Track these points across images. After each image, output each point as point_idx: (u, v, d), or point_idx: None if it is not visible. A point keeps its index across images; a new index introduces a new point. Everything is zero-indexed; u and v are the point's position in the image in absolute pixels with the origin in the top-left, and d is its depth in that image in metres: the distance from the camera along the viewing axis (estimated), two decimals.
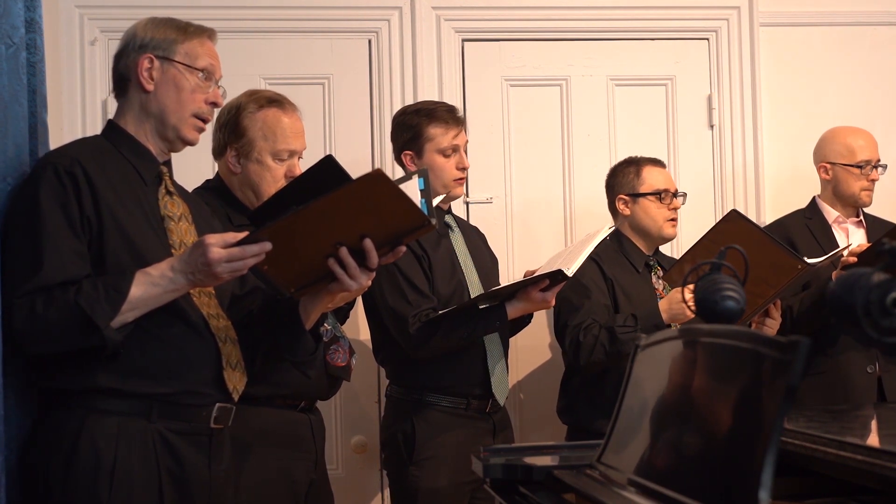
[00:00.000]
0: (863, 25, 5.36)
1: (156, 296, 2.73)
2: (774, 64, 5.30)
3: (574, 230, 5.12)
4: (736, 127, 5.23)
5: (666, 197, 4.41)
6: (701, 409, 2.20)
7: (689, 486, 2.05)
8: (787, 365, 1.87)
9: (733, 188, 5.21)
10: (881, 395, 4.47)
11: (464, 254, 4.14)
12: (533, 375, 5.05)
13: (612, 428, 2.60)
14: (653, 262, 4.46)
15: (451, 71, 5.09)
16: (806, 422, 2.76)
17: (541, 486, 2.66)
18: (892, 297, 1.77)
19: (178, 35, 2.97)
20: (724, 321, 2.23)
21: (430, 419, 4.00)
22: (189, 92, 2.95)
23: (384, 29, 5.06)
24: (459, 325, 3.89)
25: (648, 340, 2.60)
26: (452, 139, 4.08)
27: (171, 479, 2.79)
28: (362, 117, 5.06)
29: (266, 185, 3.56)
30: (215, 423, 2.89)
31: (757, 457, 1.84)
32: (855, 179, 4.65)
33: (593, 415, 4.16)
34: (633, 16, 5.21)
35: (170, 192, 2.98)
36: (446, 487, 3.95)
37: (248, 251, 2.69)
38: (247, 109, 3.58)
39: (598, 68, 5.21)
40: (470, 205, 5.06)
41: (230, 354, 2.92)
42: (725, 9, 5.26)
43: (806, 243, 4.52)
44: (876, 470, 2.19)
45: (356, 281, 2.85)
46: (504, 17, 5.14)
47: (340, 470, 4.85)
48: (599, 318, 4.20)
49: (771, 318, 4.25)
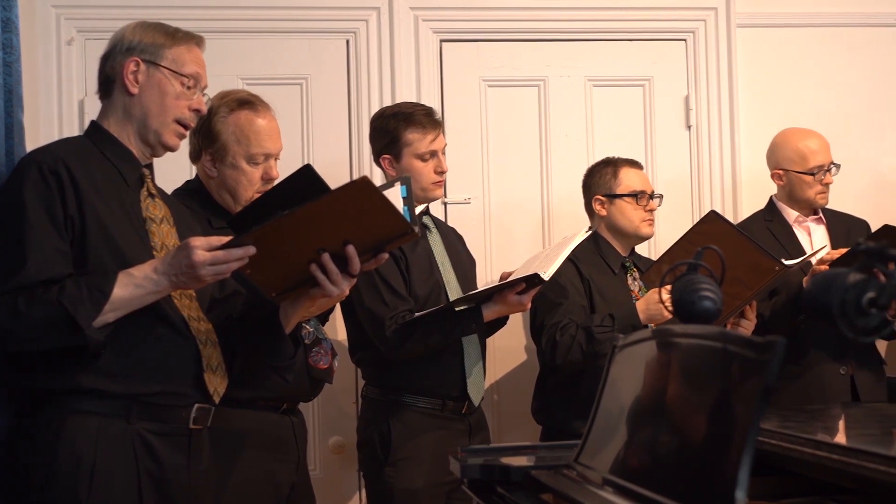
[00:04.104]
0: (839, 27, 5.38)
1: (138, 297, 2.73)
2: (751, 65, 5.31)
3: (551, 231, 5.13)
4: (713, 127, 5.25)
5: (642, 198, 4.41)
6: (678, 409, 2.21)
7: (667, 485, 2.06)
8: (763, 365, 1.88)
9: (710, 188, 5.23)
10: (854, 394, 4.49)
11: (441, 255, 4.14)
12: (509, 377, 5.06)
13: (589, 428, 2.61)
14: (629, 263, 4.46)
15: (429, 71, 5.09)
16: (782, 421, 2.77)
17: (518, 486, 2.67)
18: (868, 297, 1.78)
19: (166, 40, 2.97)
20: (701, 321, 2.24)
21: (406, 420, 4.00)
22: (173, 97, 2.95)
23: (362, 29, 5.06)
24: (436, 328, 3.89)
25: (626, 341, 2.61)
26: (430, 144, 4.07)
27: (150, 479, 2.79)
28: (340, 118, 5.05)
29: (243, 188, 3.55)
30: (194, 424, 2.89)
31: (733, 456, 1.85)
32: (809, 186, 4.63)
33: (568, 415, 4.16)
34: (611, 17, 5.22)
35: (152, 195, 2.98)
36: (422, 488, 3.95)
37: (232, 255, 2.69)
38: (218, 113, 3.55)
39: (575, 69, 5.22)
40: (448, 205, 5.06)
41: (210, 357, 2.92)
42: (703, 10, 5.28)
43: (768, 245, 4.50)
44: (851, 469, 2.20)
45: (338, 287, 2.86)
46: (482, 18, 5.14)
47: (318, 471, 4.84)
48: (576, 319, 4.21)
49: (746, 320, 4.26)
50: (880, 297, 1.78)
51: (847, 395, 4.47)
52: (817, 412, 3.46)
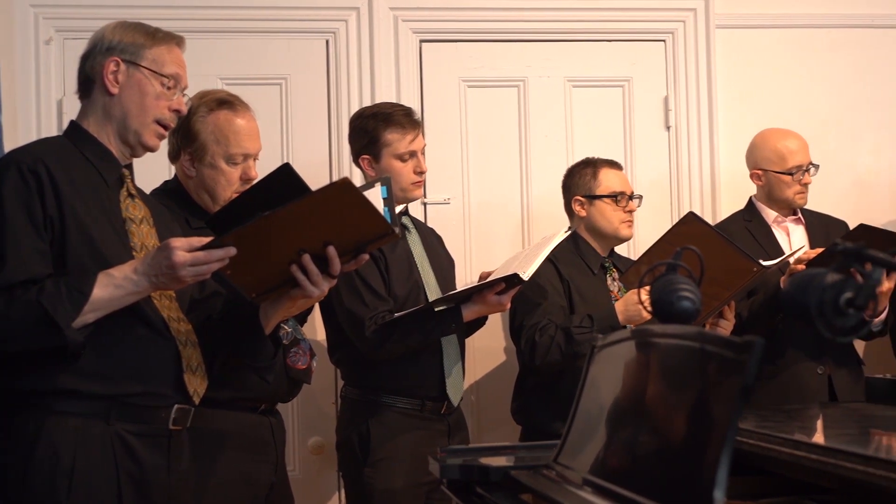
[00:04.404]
0: (817, 28, 5.40)
1: (118, 297, 2.72)
2: (730, 65, 5.33)
3: (531, 231, 5.13)
4: (692, 128, 5.26)
5: (622, 199, 4.42)
6: (657, 409, 2.21)
7: (645, 485, 2.06)
8: (741, 365, 1.89)
9: (689, 189, 5.24)
10: (832, 394, 4.50)
11: (420, 255, 4.14)
12: (488, 377, 5.06)
13: (568, 428, 2.61)
14: (608, 263, 4.47)
15: (408, 72, 5.09)
16: (760, 421, 2.78)
17: (497, 486, 2.67)
18: (846, 297, 1.79)
19: (146, 40, 2.96)
20: (680, 322, 2.24)
21: (385, 420, 3.99)
22: (153, 98, 2.94)
23: (342, 29, 5.06)
24: (415, 328, 3.89)
25: (605, 341, 2.61)
26: (409, 144, 4.07)
27: (129, 480, 2.78)
28: (320, 118, 5.05)
29: (221, 188, 3.54)
30: (174, 425, 2.88)
31: (712, 456, 1.85)
32: (787, 186, 4.63)
33: (547, 416, 4.16)
34: (591, 17, 5.22)
35: (131, 195, 2.97)
36: (402, 488, 3.95)
37: (212, 255, 2.69)
38: (197, 113, 3.54)
39: (555, 69, 5.22)
40: (427, 205, 5.06)
41: (190, 358, 2.91)
42: (682, 11, 5.29)
43: (747, 245, 4.52)
44: (829, 468, 2.21)
45: (318, 287, 2.86)
46: (462, 18, 5.14)
47: (297, 471, 4.83)
48: (555, 319, 4.21)
49: (725, 319, 4.27)
50: (857, 297, 1.79)
51: (825, 394, 4.48)
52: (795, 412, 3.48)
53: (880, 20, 5.42)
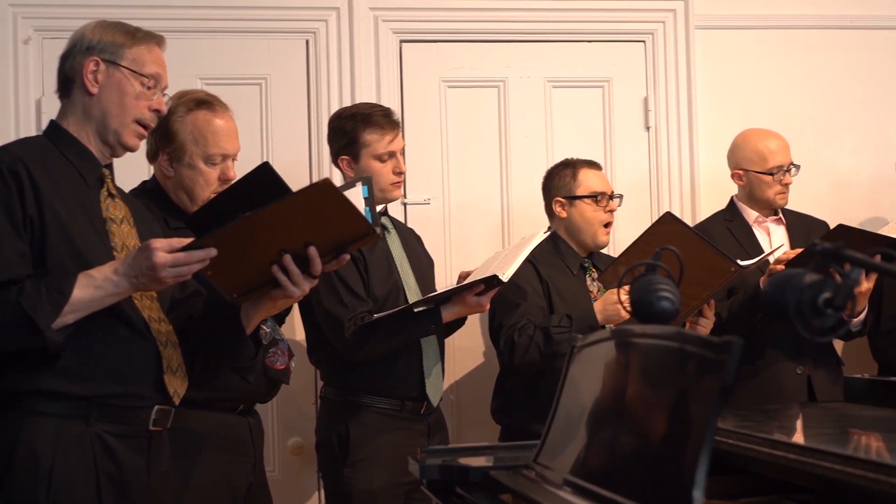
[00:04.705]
0: (797, 29, 5.42)
1: (98, 298, 2.71)
2: (710, 66, 5.34)
3: (511, 231, 5.13)
4: (672, 129, 5.27)
5: (602, 199, 4.42)
6: (636, 409, 2.21)
7: (625, 485, 2.07)
8: (720, 365, 1.89)
9: (669, 189, 5.25)
10: (811, 394, 4.51)
11: (400, 255, 4.14)
12: (467, 377, 5.06)
13: (548, 428, 2.61)
14: (587, 263, 4.47)
15: (388, 72, 5.08)
16: (739, 421, 2.79)
17: (477, 486, 2.67)
18: (824, 297, 1.79)
19: (126, 39, 2.95)
20: (660, 322, 2.24)
21: (364, 421, 3.99)
22: (132, 98, 2.93)
23: (322, 29, 5.05)
24: (395, 329, 3.89)
25: (584, 341, 2.61)
26: (388, 144, 4.07)
27: (109, 481, 2.78)
28: (300, 118, 5.04)
29: (200, 189, 3.54)
30: (154, 426, 2.88)
31: (691, 456, 1.86)
32: (768, 186, 4.65)
33: (527, 416, 4.16)
34: (570, 18, 5.23)
35: (112, 195, 2.96)
36: (381, 489, 3.95)
37: (193, 256, 2.68)
38: (176, 113, 3.53)
39: (535, 70, 5.23)
40: (407, 206, 5.06)
41: (171, 358, 2.91)
42: (661, 12, 5.30)
43: (728, 245, 4.53)
44: (807, 468, 2.22)
45: (299, 288, 2.86)
46: (442, 19, 5.14)
47: (277, 472, 4.83)
48: (534, 319, 4.22)
49: (705, 318, 4.27)
50: (836, 297, 1.79)
51: (804, 394, 4.49)
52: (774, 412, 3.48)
53: (858, 21, 5.44)
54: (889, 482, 1.96)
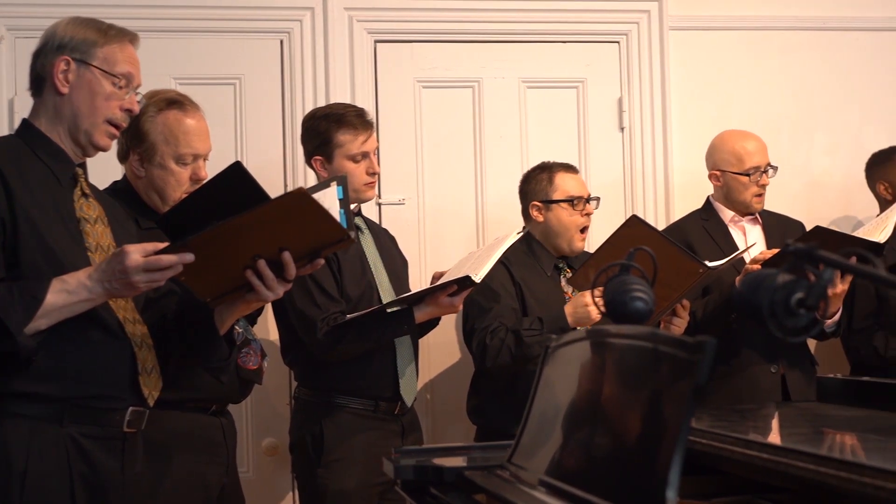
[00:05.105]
0: (770, 30, 5.44)
1: (71, 304, 2.69)
2: (684, 67, 5.35)
3: (486, 231, 5.13)
4: (646, 129, 5.28)
5: (578, 203, 4.42)
6: (610, 409, 2.22)
7: (599, 485, 2.07)
8: (694, 365, 1.89)
9: (643, 190, 5.26)
10: (785, 394, 4.53)
11: (374, 255, 4.14)
12: (442, 375, 5.06)
13: (522, 428, 2.61)
14: (562, 264, 4.47)
15: (363, 72, 5.08)
16: (713, 421, 2.79)
17: (452, 487, 2.66)
18: (797, 297, 1.80)
19: (98, 37, 2.92)
20: (633, 322, 2.25)
21: (338, 421, 3.99)
22: (103, 98, 2.90)
23: (296, 29, 5.04)
24: (368, 330, 3.89)
25: (559, 342, 2.61)
26: (362, 145, 4.06)
27: (83, 483, 2.76)
28: (274, 118, 5.03)
29: (171, 189, 3.52)
30: (128, 427, 2.86)
31: (665, 456, 1.86)
32: (745, 187, 4.66)
33: (504, 416, 4.14)
34: (545, 18, 5.23)
35: (85, 195, 2.94)
36: (355, 489, 3.95)
37: (167, 261, 2.67)
38: (146, 113, 3.51)
39: (509, 70, 5.23)
40: (382, 206, 5.05)
41: (146, 360, 2.89)
42: (635, 13, 5.31)
43: (704, 244, 4.55)
44: (781, 468, 2.22)
45: (273, 292, 2.87)
46: (416, 19, 5.14)
47: (251, 472, 4.81)
48: (507, 322, 4.22)
49: (678, 317, 4.28)
50: (809, 297, 1.80)
51: (778, 394, 4.51)
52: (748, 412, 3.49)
53: (832, 23, 5.46)
54: (862, 482, 1.96)
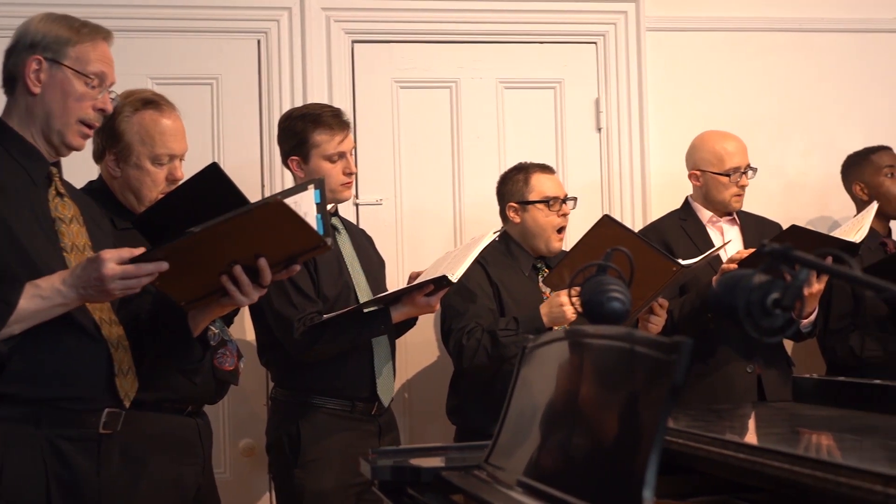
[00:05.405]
0: (747, 31, 5.46)
1: (45, 309, 2.68)
2: (661, 68, 5.37)
3: (463, 231, 5.13)
4: (623, 130, 5.29)
5: (554, 204, 4.42)
6: (587, 409, 2.22)
7: (576, 485, 2.07)
8: (671, 365, 1.90)
9: (620, 190, 5.27)
10: (761, 394, 4.54)
11: (350, 256, 4.14)
12: (420, 375, 5.06)
13: (499, 429, 2.61)
14: (540, 264, 4.48)
15: (340, 72, 5.07)
16: (689, 421, 2.80)
17: (429, 487, 2.66)
18: (773, 297, 1.80)
19: (70, 35, 2.88)
20: (610, 322, 2.25)
21: (315, 422, 3.99)
22: (75, 98, 2.88)
23: (273, 29, 5.03)
24: (344, 330, 3.89)
25: (536, 342, 2.61)
26: (338, 145, 4.06)
27: (59, 484, 2.75)
28: (251, 118, 5.02)
29: (147, 189, 3.51)
30: (104, 429, 2.85)
31: (641, 456, 1.86)
32: (724, 187, 4.67)
33: (483, 416, 4.13)
34: (522, 19, 5.24)
35: (60, 194, 2.92)
36: (332, 489, 3.95)
37: (143, 269, 2.67)
38: (122, 113, 3.49)
39: (487, 71, 5.23)
40: (360, 206, 5.05)
41: (122, 361, 2.88)
42: (613, 13, 5.32)
43: (682, 244, 4.57)
44: (757, 468, 2.23)
45: (248, 297, 2.87)
46: (394, 19, 5.13)
47: (228, 473, 4.81)
48: (483, 322, 4.22)
49: (656, 316, 4.28)
50: (784, 297, 1.80)
51: (753, 394, 4.52)
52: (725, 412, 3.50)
53: (809, 24, 5.49)
54: (837, 481, 1.97)
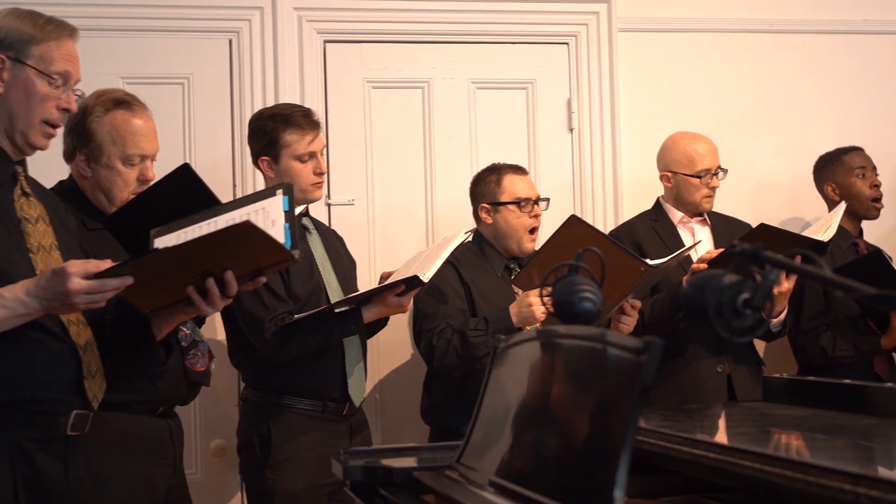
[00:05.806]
0: (718, 32, 5.48)
1: (6, 318, 2.66)
2: (632, 69, 5.38)
3: (435, 232, 5.13)
4: (595, 130, 5.30)
5: (526, 205, 4.42)
6: (558, 409, 2.22)
7: (548, 486, 2.07)
8: (641, 366, 1.90)
9: (592, 190, 5.28)
10: (731, 393, 4.55)
11: (321, 256, 4.13)
12: (392, 375, 5.06)
13: (471, 429, 2.61)
14: (513, 265, 4.48)
15: (312, 72, 5.07)
16: (660, 421, 2.81)
17: (401, 487, 2.66)
18: (743, 297, 1.81)
19: (34, 33, 2.84)
20: (582, 322, 2.25)
21: (286, 422, 3.98)
22: (39, 99, 2.83)
23: (245, 29, 5.02)
24: (316, 330, 3.88)
25: (508, 342, 2.61)
26: (308, 145, 4.05)
27: (26, 486, 2.73)
28: (222, 118, 5.00)
29: (118, 189, 3.50)
30: (72, 430, 2.83)
31: (612, 456, 1.86)
32: (695, 189, 4.69)
33: (457, 416, 4.13)
34: (494, 19, 5.24)
35: (26, 194, 2.89)
36: (303, 490, 3.95)
37: (108, 284, 2.66)
38: (94, 113, 3.48)
39: (459, 71, 5.23)
40: (331, 206, 5.04)
41: (90, 363, 2.86)
42: (584, 14, 5.33)
43: (653, 244, 4.58)
44: (727, 467, 2.23)
45: (214, 308, 2.88)
46: (366, 19, 5.13)
47: (199, 474, 4.79)
48: (454, 322, 4.22)
49: (627, 316, 4.28)
50: (754, 297, 1.81)
51: (724, 393, 4.53)
52: (695, 411, 3.51)
53: (779, 25, 5.52)
54: (807, 480, 1.98)
